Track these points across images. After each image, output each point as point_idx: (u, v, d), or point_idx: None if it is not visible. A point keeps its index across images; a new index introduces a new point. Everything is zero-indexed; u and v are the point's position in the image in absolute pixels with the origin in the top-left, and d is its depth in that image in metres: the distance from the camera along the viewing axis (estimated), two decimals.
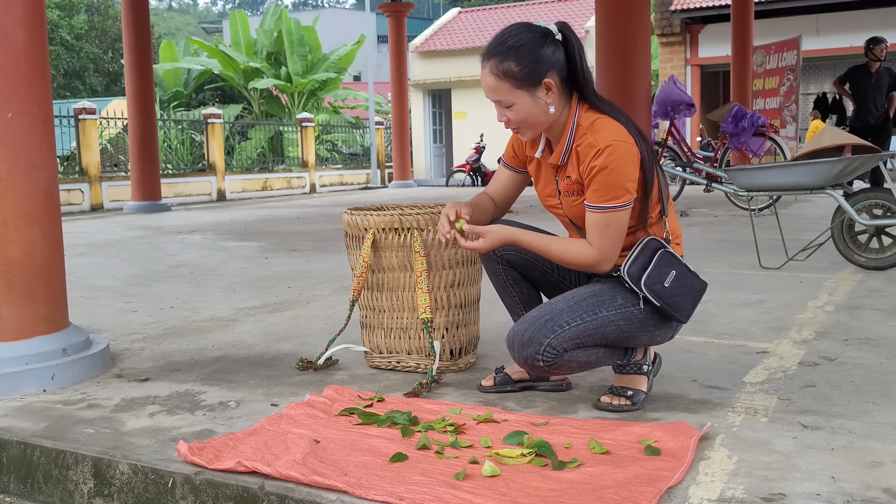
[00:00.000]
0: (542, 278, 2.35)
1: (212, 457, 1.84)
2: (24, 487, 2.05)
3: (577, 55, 2.06)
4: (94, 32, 32.32)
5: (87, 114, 12.67)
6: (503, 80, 2.03)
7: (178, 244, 6.95)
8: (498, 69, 2.03)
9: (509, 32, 2.06)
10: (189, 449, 1.87)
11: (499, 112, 2.10)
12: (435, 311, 2.54)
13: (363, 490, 1.64)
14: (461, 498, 1.59)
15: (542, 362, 2.04)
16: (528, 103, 2.05)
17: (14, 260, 2.54)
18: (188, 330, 3.37)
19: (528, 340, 2.04)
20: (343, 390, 2.34)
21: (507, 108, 2.07)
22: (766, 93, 11.55)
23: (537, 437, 1.90)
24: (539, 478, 1.70)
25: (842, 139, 4.49)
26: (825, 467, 1.72)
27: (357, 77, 35.42)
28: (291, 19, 22.58)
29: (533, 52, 2.02)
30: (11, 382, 2.45)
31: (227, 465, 1.80)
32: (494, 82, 2.04)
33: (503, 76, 2.03)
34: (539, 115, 2.07)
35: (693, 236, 6.29)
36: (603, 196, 2.02)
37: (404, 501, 1.59)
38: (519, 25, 2.08)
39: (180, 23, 59.42)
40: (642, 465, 1.73)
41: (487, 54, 2.05)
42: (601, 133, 2.04)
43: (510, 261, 2.31)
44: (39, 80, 2.60)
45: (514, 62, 2.02)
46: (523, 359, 2.06)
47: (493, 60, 2.04)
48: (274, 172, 16.80)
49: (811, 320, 3.22)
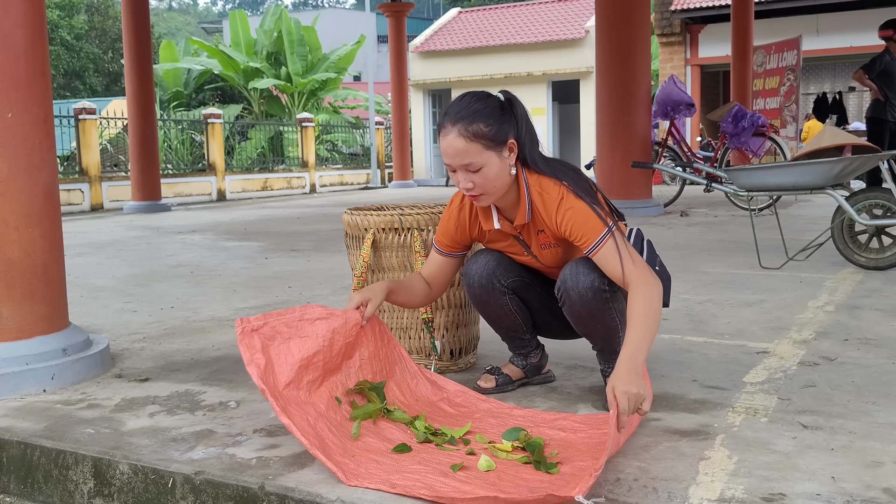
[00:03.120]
0: (536, 297, 2.36)
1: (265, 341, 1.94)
2: (24, 487, 2.05)
3: (521, 118, 2.11)
4: (94, 32, 32.33)
5: (87, 114, 12.68)
6: (473, 142, 2.03)
7: (178, 244, 6.95)
8: (468, 131, 2.03)
9: (468, 99, 2.09)
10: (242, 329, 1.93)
11: (463, 178, 2.07)
12: (435, 311, 2.54)
13: (359, 479, 1.68)
14: (450, 486, 1.63)
15: (606, 285, 2.08)
16: (496, 164, 2.06)
17: (14, 260, 2.54)
18: (188, 330, 3.37)
19: (592, 266, 2.09)
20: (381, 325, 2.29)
21: (474, 171, 2.06)
22: (766, 93, 11.56)
23: (536, 435, 1.93)
24: (531, 470, 1.75)
25: (842, 139, 4.50)
26: (825, 467, 1.72)
27: (357, 77, 35.43)
28: (291, 19, 22.58)
29: (496, 114, 2.06)
30: (11, 382, 2.46)
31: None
32: (465, 144, 2.03)
33: (474, 137, 2.03)
34: (504, 176, 2.09)
35: (693, 236, 6.29)
36: (592, 232, 2.04)
37: (396, 489, 1.64)
38: (472, 93, 2.12)
39: (180, 23, 59.42)
40: None
41: (452, 119, 2.05)
42: (548, 187, 2.10)
43: (514, 288, 2.31)
44: (39, 80, 2.60)
45: (482, 123, 2.04)
46: (589, 283, 2.08)
47: (460, 124, 2.04)
48: (274, 172, 16.81)
49: (811, 320, 3.21)
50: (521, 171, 2.13)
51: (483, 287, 2.28)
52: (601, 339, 2.23)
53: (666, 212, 8.52)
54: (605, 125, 8.21)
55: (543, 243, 2.20)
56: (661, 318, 3.12)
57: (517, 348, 2.43)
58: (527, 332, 2.39)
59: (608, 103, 8.14)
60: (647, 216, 7.99)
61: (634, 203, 7.97)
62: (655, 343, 2.87)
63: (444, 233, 2.31)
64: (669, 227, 7.00)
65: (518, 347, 2.43)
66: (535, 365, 2.43)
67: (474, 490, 1.60)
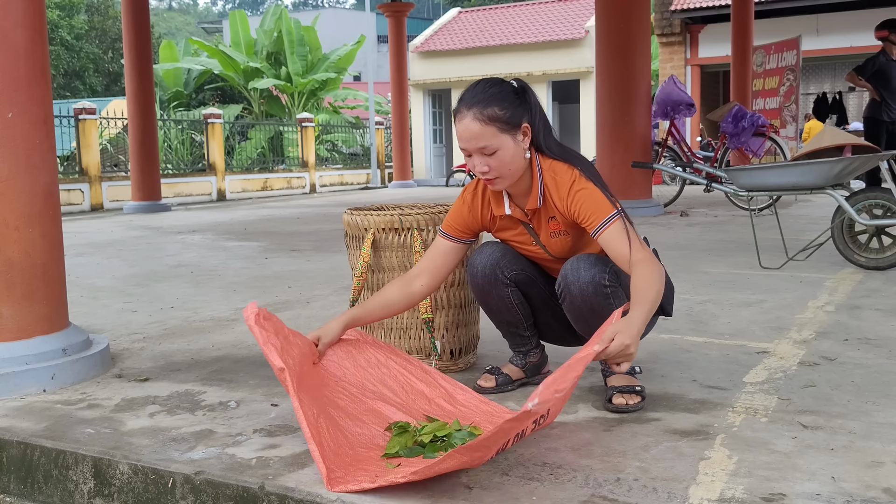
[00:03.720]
0: (538, 294, 2.36)
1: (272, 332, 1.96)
2: (24, 487, 2.05)
3: (534, 105, 2.16)
4: (94, 32, 32.33)
5: (87, 114, 12.69)
6: (489, 125, 2.07)
7: (178, 244, 6.95)
8: (483, 115, 2.07)
9: (483, 84, 2.13)
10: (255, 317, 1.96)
11: (479, 162, 2.11)
12: (435, 311, 2.54)
13: (343, 485, 1.67)
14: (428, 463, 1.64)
15: (607, 281, 2.10)
16: (511, 147, 2.10)
17: (14, 260, 2.54)
18: (188, 330, 3.37)
19: (593, 262, 2.12)
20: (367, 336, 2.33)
21: (489, 154, 2.09)
22: (766, 93, 11.56)
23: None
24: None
25: (842, 139, 4.49)
26: (825, 467, 1.72)
27: (357, 77, 35.42)
28: (291, 19, 22.58)
29: (510, 98, 2.11)
30: (11, 382, 2.46)
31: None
32: (480, 128, 2.07)
33: (489, 121, 2.07)
34: (519, 159, 2.13)
35: (693, 236, 6.29)
36: (601, 212, 2.08)
37: (377, 482, 1.64)
38: (487, 79, 2.17)
39: (180, 23, 59.43)
40: None
41: (468, 104, 2.09)
42: (561, 171, 2.15)
43: (517, 281, 2.32)
44: (39, 80, 2.60)
45: (497, 107, 2.08)
46: (590, 277, 2.10)
47: (475, 108, 2.08)
48: (274, 172, 16.81)
49: (811, 320, 3.22)
50: (534, 156, 2.17)
51: (486, 277, 2.29)
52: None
53: (666, 212, 8.53)
54: (605, 125, 8.21)
55: (553, 231, 2.21)
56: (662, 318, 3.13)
57: (517, 346, 2.43)
58: (527, 329, 2.40)
59: (608, 103, 8.14)
60: (647, 216, 7.99)
61: (634, 203, 7.96)
62: (656, 343, 2.87)
63: (456, 218, 2.32)
64: (669, 227, 7.00)
65: (518, 345, 2.43)
66: (534, 364, 2.43)
67: (451, 454, 1.60)
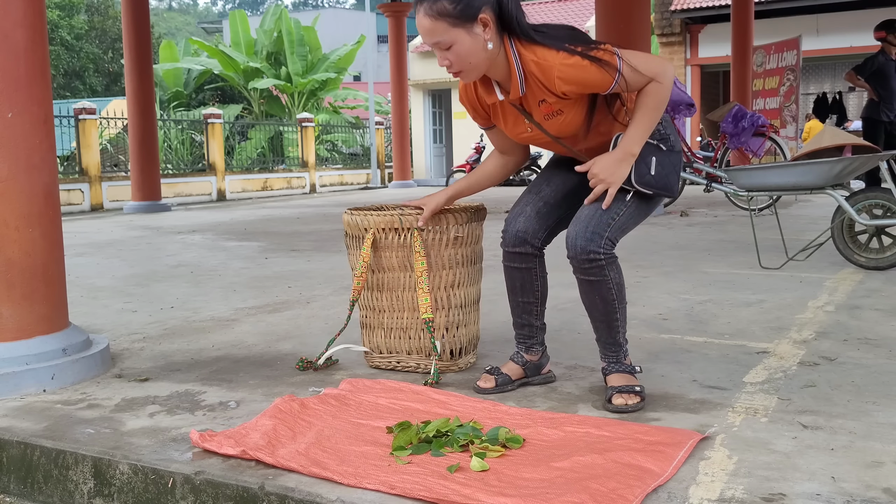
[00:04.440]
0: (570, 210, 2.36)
1: (221, 442, 1.90)
2: (24, 487, 2.05)
3: None
4: (94, 32, 32.31)
5: (87, 114, 12.67)
6: (439, 20, 2.05)
7: (178, 244, 6.95)
8: (432, 10, 2.05)
9: None
10: (200, 436, 1.93)
11: (440, 57, 2.11)
12: (435, 311, 2.54)
13: (357, 479, 1.69)
14: (450, 488, 1.63)
15: (603, 254, 2.13)
16: (466, 41, 2.07)
17: (14, 260, 2.54)
18: (188, 330, 3.37)
19: (591, 235, 2.13)
20: (357, 382, 2.40)
21: (446, 49, 2.08)
22: (766, 93, 11.55)
23: (516, 432, 1.94)
24: (530, 468, 1.74)
25: (842, 139, 4.49)
26: (825, 467, 1.72)
27: (357, 77, 35.42)
28: (291, 19, 22.56)
29: None
30: (11, 382, 2.46)
31: (232, 451, 1.85)
32: (430, 24, 2.06)
33: (438, 16, 2.05)
34: (479, 52, 2.09)
35: (693, 236, 6.29)
36: (600, 78, 2.07)
37: (395, 490, 1.64)
38: None
39: (180, 23, 59.41)
40: (634, 458, 1.74)
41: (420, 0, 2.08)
42: (545, 55, 2.09)
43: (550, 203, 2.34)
44: (39, 80, 2.60)
45: (446, 2, 2.05)
46: (586, 253, 2.12)
47: (426, 3, 2.06)
48: (274, 172, 16.80)
49: (811, 320, 3.22)
50: (509, 45, 2.13)
51: (517, 245, 2.32)
52: (600, 316, 2.23)
53: (666, 212, 8.52)
54: None
55: (546, 113, 2.18)
56: (662, 318, 3.13)
57: (523, 338, 2.43)
58: (538, 318, 2.41)
59: None
60: None
61: None
62: (656, 343, 2.88)
63: (474, 113, 2.35)
64: (669, 227, 7.00)
65: (524, 337, 2.43)
66: (535, 364, 2.43)
67: (475, 494, 1.60)
